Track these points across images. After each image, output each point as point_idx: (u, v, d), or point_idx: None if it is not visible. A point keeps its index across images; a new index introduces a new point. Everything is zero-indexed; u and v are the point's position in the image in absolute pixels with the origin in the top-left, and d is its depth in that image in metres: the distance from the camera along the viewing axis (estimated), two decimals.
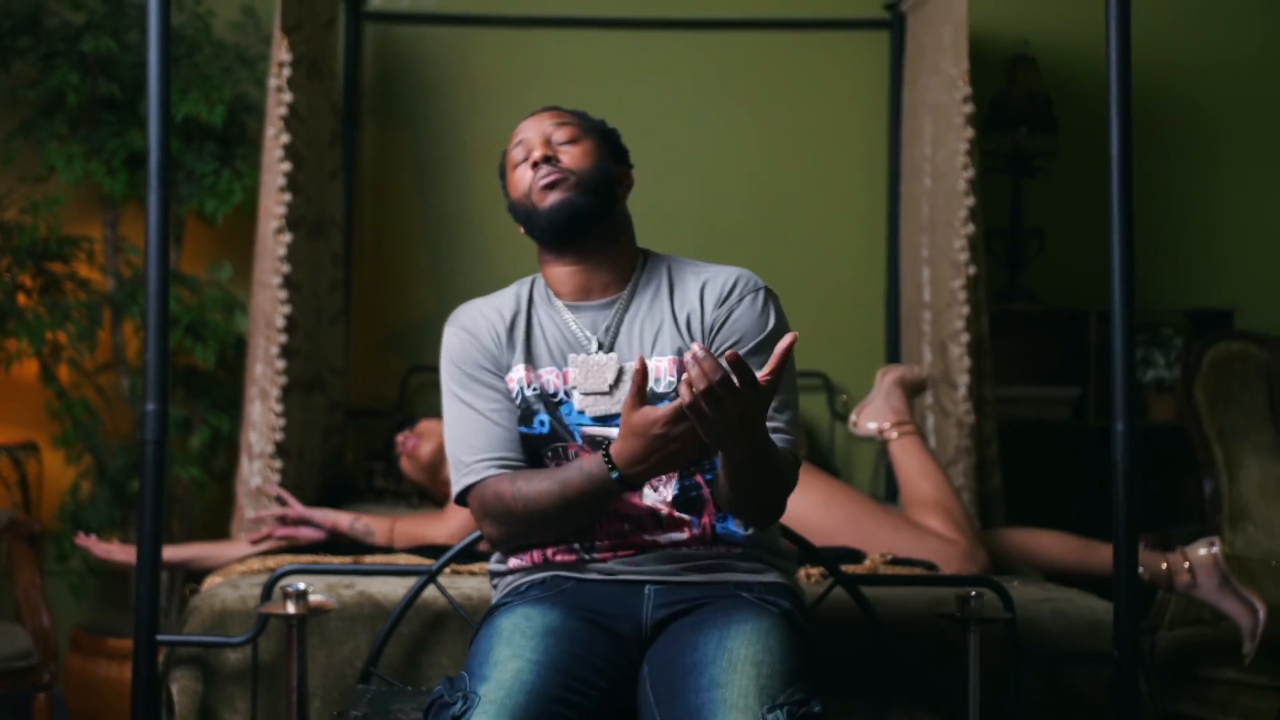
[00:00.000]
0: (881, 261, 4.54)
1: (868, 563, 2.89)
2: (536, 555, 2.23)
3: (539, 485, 2.15)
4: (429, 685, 2.52)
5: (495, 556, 2.31)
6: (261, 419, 3.50)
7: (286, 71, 3.51)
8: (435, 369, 4.16)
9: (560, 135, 2.30)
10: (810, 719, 1.95)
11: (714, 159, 4.60)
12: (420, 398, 4.50)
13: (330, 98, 3.97)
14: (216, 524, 4.02)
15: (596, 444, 2.19)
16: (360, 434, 4.38)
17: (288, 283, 3.50)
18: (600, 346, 2.25)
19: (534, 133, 2.32)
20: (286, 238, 3.49)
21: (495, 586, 2.31)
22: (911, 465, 3.31)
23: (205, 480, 3.97)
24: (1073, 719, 2.62)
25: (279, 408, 3.47)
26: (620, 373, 2.23)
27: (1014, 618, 2.50)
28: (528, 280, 2.38)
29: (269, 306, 3.51)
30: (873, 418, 3.46)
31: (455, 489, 2.23)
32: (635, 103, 4.53)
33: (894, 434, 3.40)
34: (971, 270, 3.73)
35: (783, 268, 4.40)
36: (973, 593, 2.41)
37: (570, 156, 2.29)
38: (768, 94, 4.62)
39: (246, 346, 3.73)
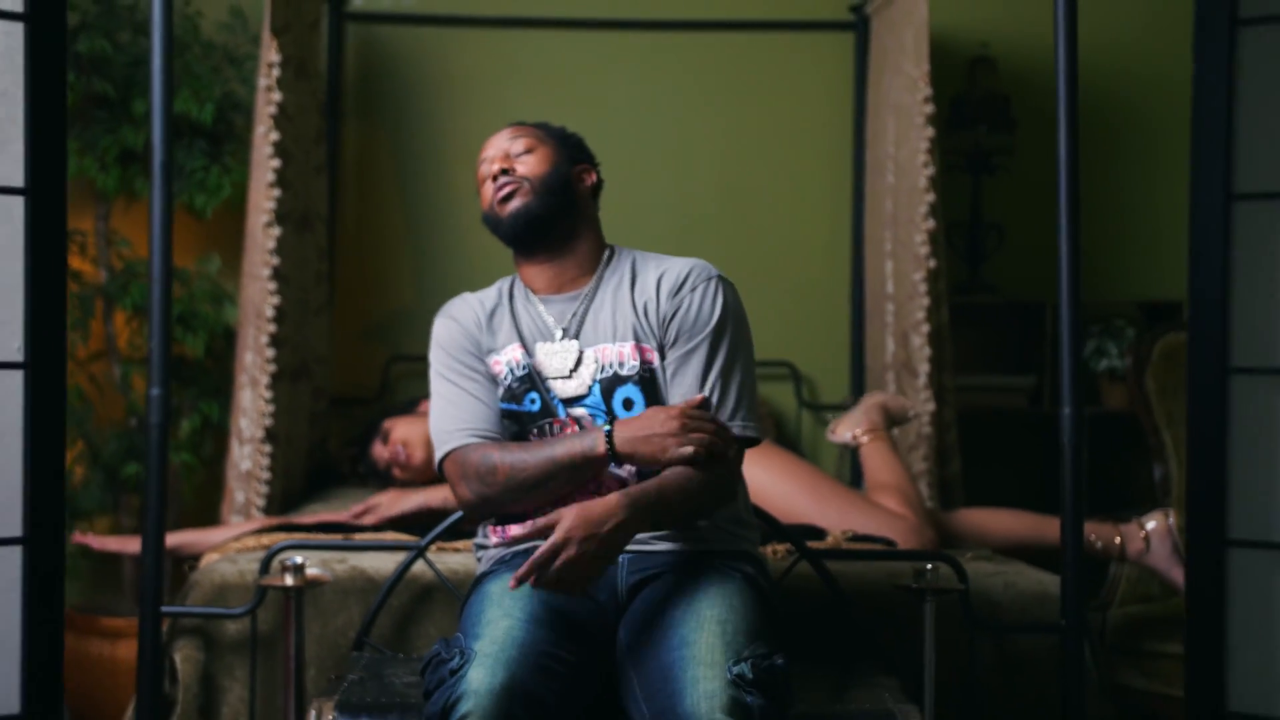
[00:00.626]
0: (846, 255, 4.71)
1: (830, 539, 3.05)
2: (513, 534, 2.38)
3: (530, 452, 2.32)
4: (419, 653, 2.67)
5: (482, 531, 2.47)
6: (252, 405, 3.64)
7: (276, 72, 3.65)
8: (415, 358, 4.40)
9: (517, 147, 2.50)
10: (773, 671, 2.12)
11: (685, 155, 4.76)
12: (401, 386, 4.65)
13: (315, 96, 4.12)
14: (205, 508, 4.15)
15: (579, 421, 2.36)
16: (343, 421, 4.52)
17: (277, 275, 3.64)
18: (564, 334, 2.43)
19: (494, 149, 2.53)
20: (276, 231, 3.63)
21: (480, 559, 2.46)
22: (877, 460, 3.51)
23: (195, 465, 4.11)
24: (1022, 685, 2.79)
25: (269, 394, 3.62)
26: (580, 357, 2.41)
27: (967, 589, 2.67)
28: (510, 278, 2.56)
29: (259, 298, 3.65)
30: (848, 426, 3.65)
31: (438, 455, 2.39)
32: (609, 101, 4.69)
33: (865, 439, 3.59)
34: (932, 264, 3.90)
35: (752, 260, 4.58)
36: (928, 566, 2.59)
37: (526, 165, 2.49)
38: (737, 92, 4.78)
39: (236, 336, 3.87)
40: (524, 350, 2.44)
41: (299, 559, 2.56)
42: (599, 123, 4.61)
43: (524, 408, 2.40)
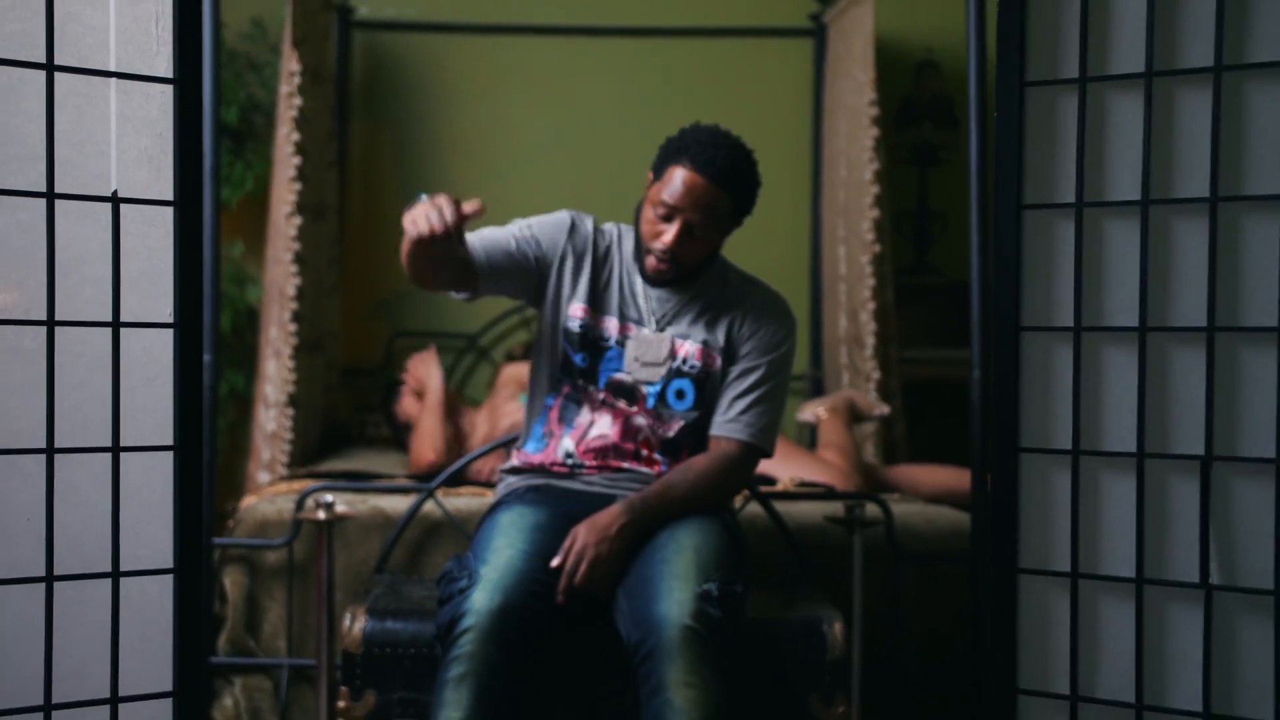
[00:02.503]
0: (806, 240, 5.20)
1: (780, 485, 3.55)
2: (536, 461, 2.86)
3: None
4: (429, 576, 3.16)
5: (509, 458, 2.93)
6: (276, 374, 4.13)
7: (297, 80, 4.13)
8: (416, 333, 4.88)
9: (698, 219, 2.76)
10: (734, 595, 2.61)
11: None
12: (403, 359, 5.12)
13: (327, 99, 4.60)
14: (226, 467, 4.63)
15: (618, 390, 2.83)
16: (351, 390, 5.01)
17: (297, 259, 4.13)
18: (658, 324, 2.85)
19: (682, 203, 2.74)
20: (297, 221, 4.12)
21: (496, 488, 2.93)
22: (829, 428, 4.03)
23: (222, 429, 4.59)
24: (939, 606, 3.30)
25: (291, 364, 4.10)
26: (672, 346, 2.83)
27: (891, 523, 3.17)
28: (630, 232, 2.90)
29: (282, 279, 4.13)
30: (813, 407, 4.17)
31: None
32: (591, 101, 5.16)
33: (824, 414, 4.10)
34: (877, 248, 4.39)
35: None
36: (857, 504, 3.09)
37: (691, 251, 2.79)
38: (709, 92, 5.24)
39: (260, 313, 4.36)
40: (617, 321, 2.85)
41: (329, 498, 3.05)
42: (581, 120, 5.12)
43: (573, 361, 2.84)
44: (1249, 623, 1.56)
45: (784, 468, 3.69)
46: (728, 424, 2.82)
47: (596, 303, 2.86)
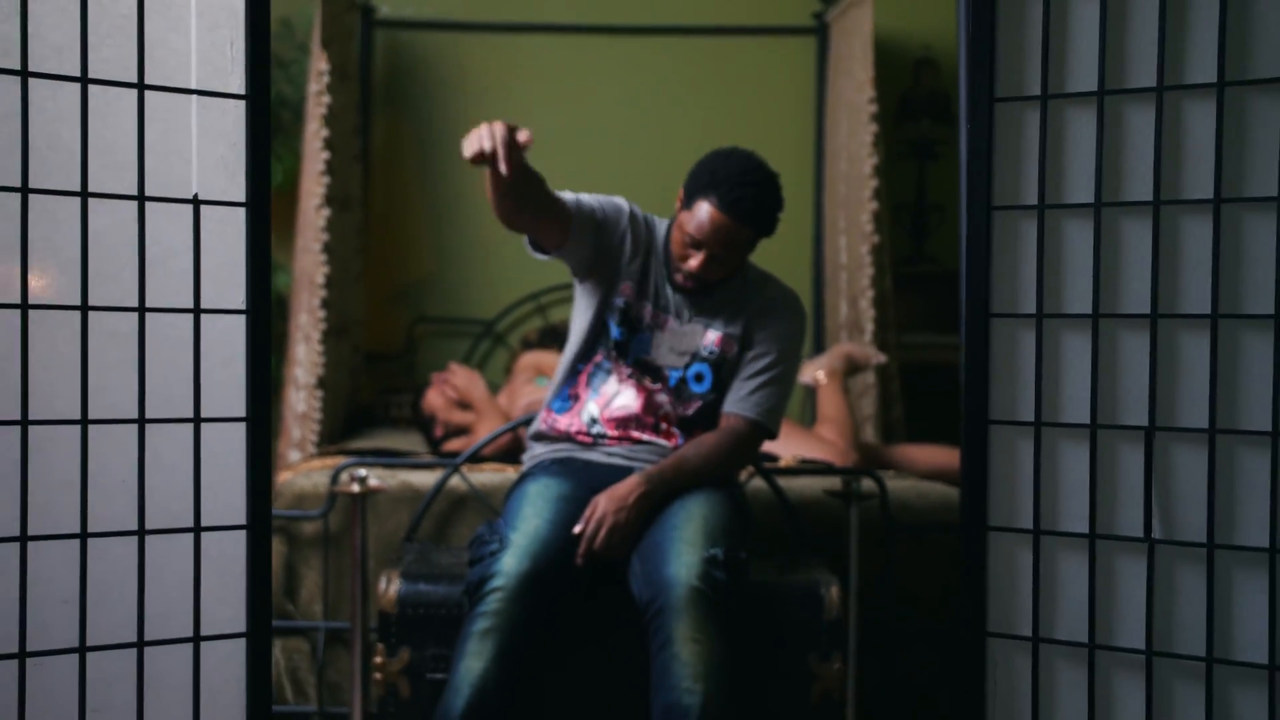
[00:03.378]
0: (809, 231, 5.42)
1: (782, 462, 3.78)
2: (561, 428, 3.09)
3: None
4: (455, 544, 3.40)
5: (536, 422, 3.17)
6: (306, 357, 4.36)
7: (325, 79, 4.36)
8: (436, 319, 5.12)
9: (721, 251, 2.98)
10: (738, 560, 2.85)
11: (669, 143, 5.43)
12: (423, 344, 5.36)
13: (352, 96, 4.83)
14: None
15: (644, 368, 3.06)
16: (374, 373, 5.24)
17: (326, 248, 4.36)
18: (691, 317, 3.08)
19: (708, 238, 2.96)
20: (326, 212, 4.35)
21: (524, 457, 3.17)
22: (827, 399, 4.25)
23: None
24: (929, 573, 3.53)
25: (320, 348, 4.34)
26: (700, 339, 3.07)
27: (885, 497, 3.40)
28: (663, 227, 3.13)
29: (311, 268, 4.37)
30: (813, 369, 4.39)
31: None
32: (601, 96, 5.38)
33: (823, 378, 4.32)
34: (876, 239, 4.62)
35: None
36: (854, 479, 3.32)
37: (715, 274, 3.02)
38: (714, 88, 5.46)
39: (289, 300, 4.59)
40: (652, 307, 3.08)
41: (363, 472, 3.29)
42: (592, 114, 5.35)
43: (608, 330, 3.08)
44: (1185, 572, 1.79)
45: (786, 447, 3.91)
46: (739, 403, 3.06)
47: (640, 287, 3.10)
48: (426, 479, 3.53)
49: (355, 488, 3.27)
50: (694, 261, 3.00)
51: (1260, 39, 1.72)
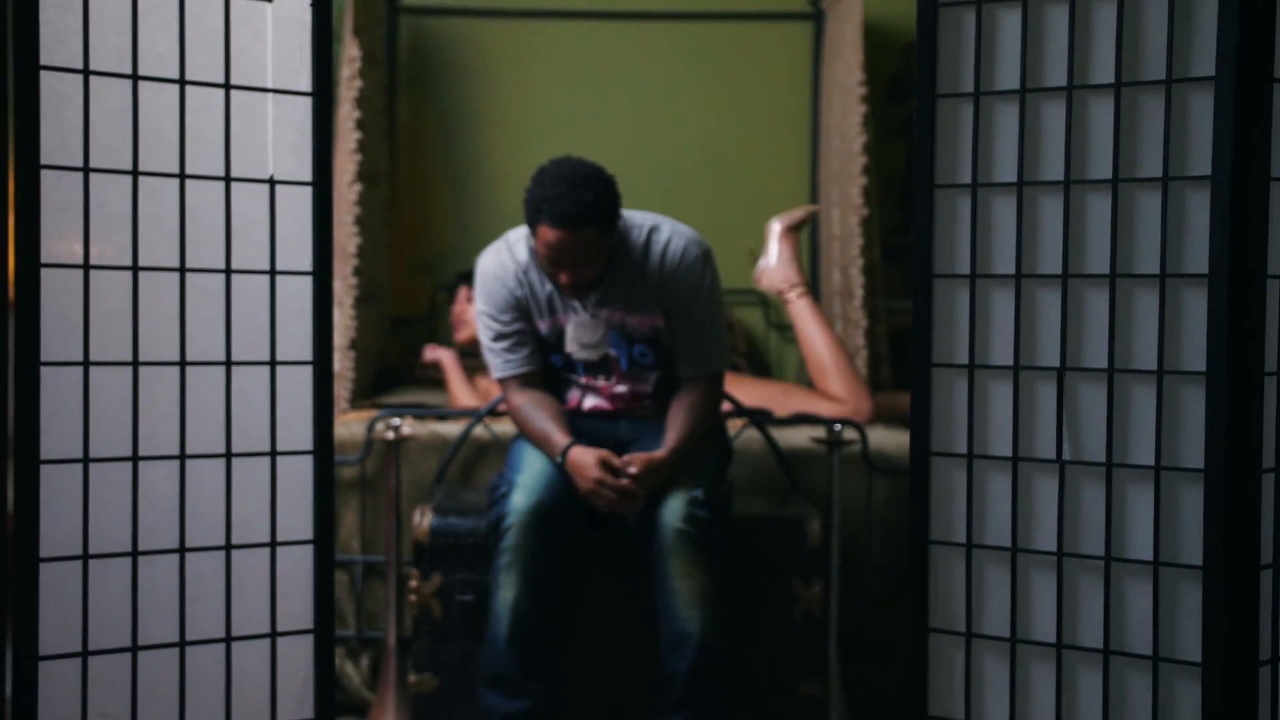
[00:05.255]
0: (805, 204, 5.79)
1: (777, 415, 4.16)
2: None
3: (532, 416, 3.35)
4: (479, 486, 3.79)
5: None
6: (339, 321, 4.74)
7: (357, 64, 4.73)
8: (456, 288, 5.48)
9: (575, 257, 3.23)
10: (718, 496, 3.25)
11: (675, 124, 5.81)
12: (444, 312, 5.74)
13: (380, 79, 5.20)
14: None
15: (593, 368, 3.38)
16: (399, 337, 5.63)
17: (357, 221, 4.74)
18: (590, 308, 3.36)
19: (558, 254, 3.21)
20: (357, 187, 4.72)
21: None
22: (808, 327, 4.48)
23: None
24: (903, 511, 3.88)
25: (353, 313, 4.72)
26: (606, 329, 3.37)
27: (865, 443, 3.78)
28: (524, 239, 3.39)
29: (344, 239, 4.74)
30: (773, 281, 4.58)
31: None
32: (611, 79, 5.73)
33: (792, 295, 4.59)
34: (865, 212, 4.98)
35: (729, 209, 5.63)
36: (836, 426, 3.70)
37: (589, 273, 3.27)
38: (717, 71, 5.80)
39: None
40: (554, 321, 3.38)
41: (397, 421, 3.68)
42: (604, 95, 5.71)
43: (554, 359, 3.42)
44: (1089, 487, 2.16)
45: (786, 404, 4.29)
46: (691, 365, 3.37)
47: (548, 310, 3.37)
48: (453, 429, 3.91)
49: (390, 435, 3.66)
50: (564, 278, 3.27)
51: (1148, 48, 2.09)
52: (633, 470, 3.19)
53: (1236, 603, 2.05)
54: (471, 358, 4.77)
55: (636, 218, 3.39)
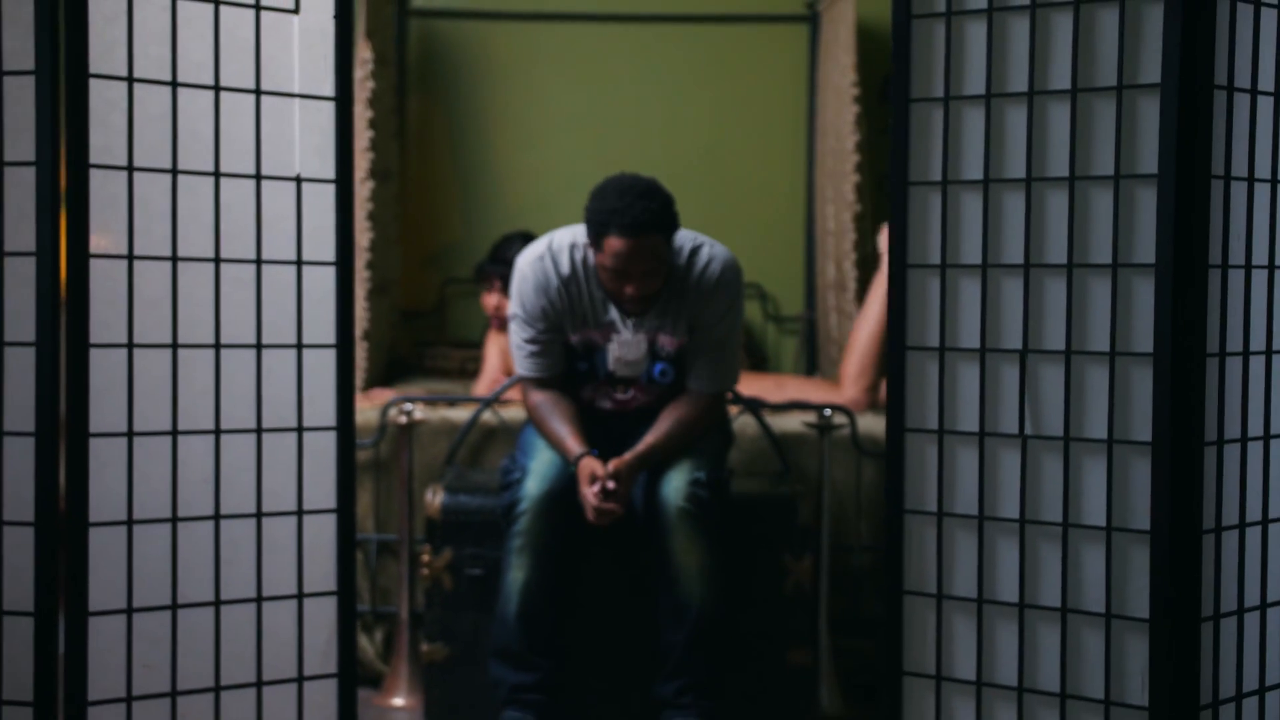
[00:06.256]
0: (801, 200, 5.98)
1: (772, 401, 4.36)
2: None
3: (549, 418, 3.47)
4: (488, 467, 3.98)
5: None
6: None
7: (369, 66, 4.92)
8: (464, 280, 5.70)
9: (645, 266, 3.30)
10: (719, 478, 3.43)
11: (675, 122, 5.99)
12: (453, 303, 5.95)
13: (390, 80, 5.39)
14: None
15: (614, 380, 3.52)
16: (409, 329, 5.83)
17: (370, 216, 4.93)
18: (635, 327, 3.47)
19: (629, 264, 3.27)
20: (370, 184, 4.92)
21: None
22: (877, 299, 4.55)
23: None
24: None
25: (365, 304, 4.91)
26: (651, 344, 3.49)
27: (854, 428, 3.98)
28: (581, 246, 3.45)
29: (356, 234, 4.93)
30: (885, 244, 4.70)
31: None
32: (613, 77, 5.91)
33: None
34: (858, 208, 5.17)
35: (729, 205, 5.83)
36: (826, 411, 3.90)
37: (654, 285, 3.35)
38: (719, 71, 5.97)
39: None
40: (585, 335, 3.49)
41: (410, 405, 3.87)
42: (606, 95, 5.91)
43: (579, 365, 3.53)
44: (1048, 460, 2.35)
45: (780, 395, 4.47)
46: (701, 380, 3.51)
47: (582, 324, 3.49)
48: (462, 414, 4.11)
49: (403, 419, 3.85)
50: (630, 290, 3.35)
51: (1101, 58, 2.28)
52: (610, 486, 3.34)
53: (1181, 564, 2.24)
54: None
55: (679, 236, 3.49)
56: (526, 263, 3.47)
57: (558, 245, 3.46)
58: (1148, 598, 2.27)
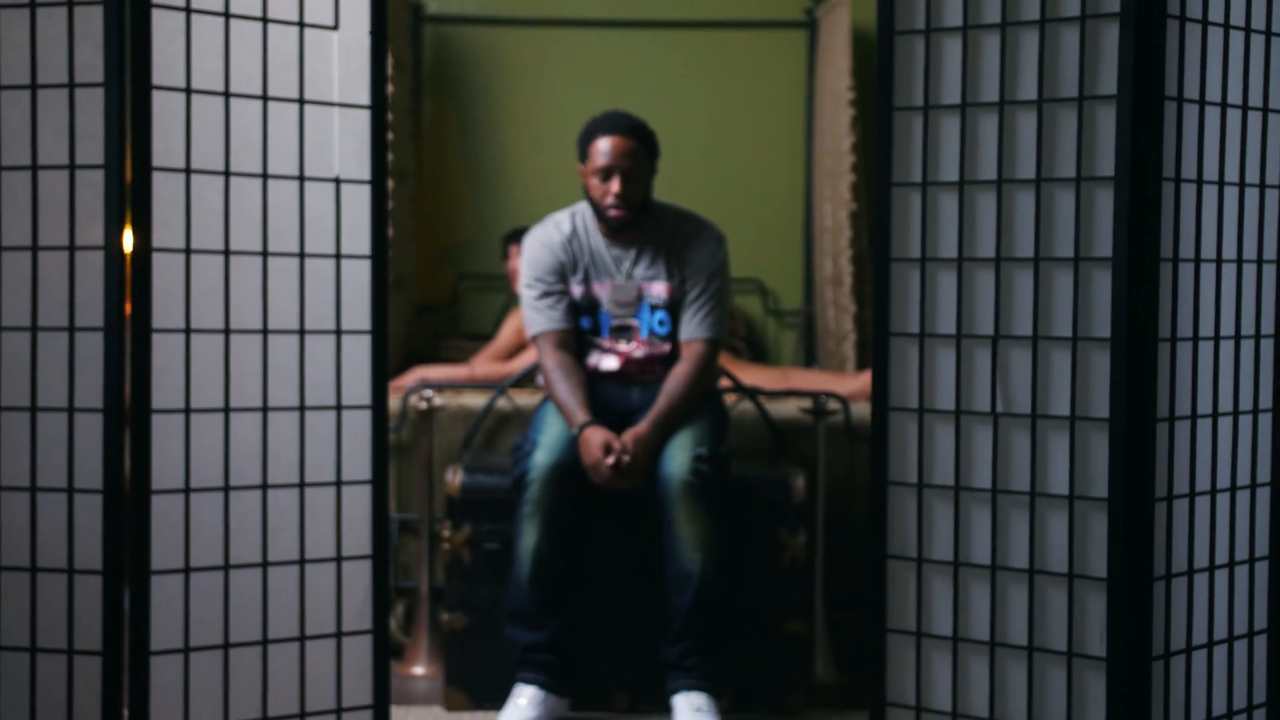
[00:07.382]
0: (800, 199, 6.22)
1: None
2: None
3: (559, 382, 3.77)
4: (502, 450, 4.23)
5: None
6: None
7: (388, 70, 5.15)
8: (477, 275, 5.94)
9: (628, 165, 3.71)
10: (719, 454, 3.67)
11: (678, 123, 6.14)
12: (466, 298, 6.19)
13: (406, 83, 5.64)
14: None
15: (618, 332, 3.81)
16: (423, 322, 6.07)
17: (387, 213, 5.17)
18: (626, 276, 3.87)
19: (612, 159, 3.70)
20: (387, 183, 5.15)
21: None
22: None
23: None
24: None
25: None
26: (639, 292, 3.84)
27: (848, 413, 4.22)
28: (566, 218, 3.89)
29: None
30: None
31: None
32: (620, 80, 6.14)
33: None
34: (853, 206, 5.41)
35: (730, 204, 6.03)
36: (820, 397, 4.14)
37: (634, 192, 3.73)
38: (721, 75, 6.22)
39: None
40: (587, 288, 3.83)
41: (429, 392, 4.12)
42: (611, 99, 6.13)
43: (583, 321, 3.84)
44: (1018, 435, 2.59)
45: (785, 386, 4.71)
46: (694, 328, 3.80)
47: (585, 276, 3.83)
48: (478, 401, 4.36)
49: (424, 405, 4.10)
50: (614, 186, 3.73)
51: (1064, 71, 2.52)
52: (625, 459, 3.60)
53: (1135, 529, 2.48)
54: None
55: (668, 207, 3.90)
56: (532, 233, 3.90)
57: (559, 215, 3.91)
58: (1106, 559, 2.50)
